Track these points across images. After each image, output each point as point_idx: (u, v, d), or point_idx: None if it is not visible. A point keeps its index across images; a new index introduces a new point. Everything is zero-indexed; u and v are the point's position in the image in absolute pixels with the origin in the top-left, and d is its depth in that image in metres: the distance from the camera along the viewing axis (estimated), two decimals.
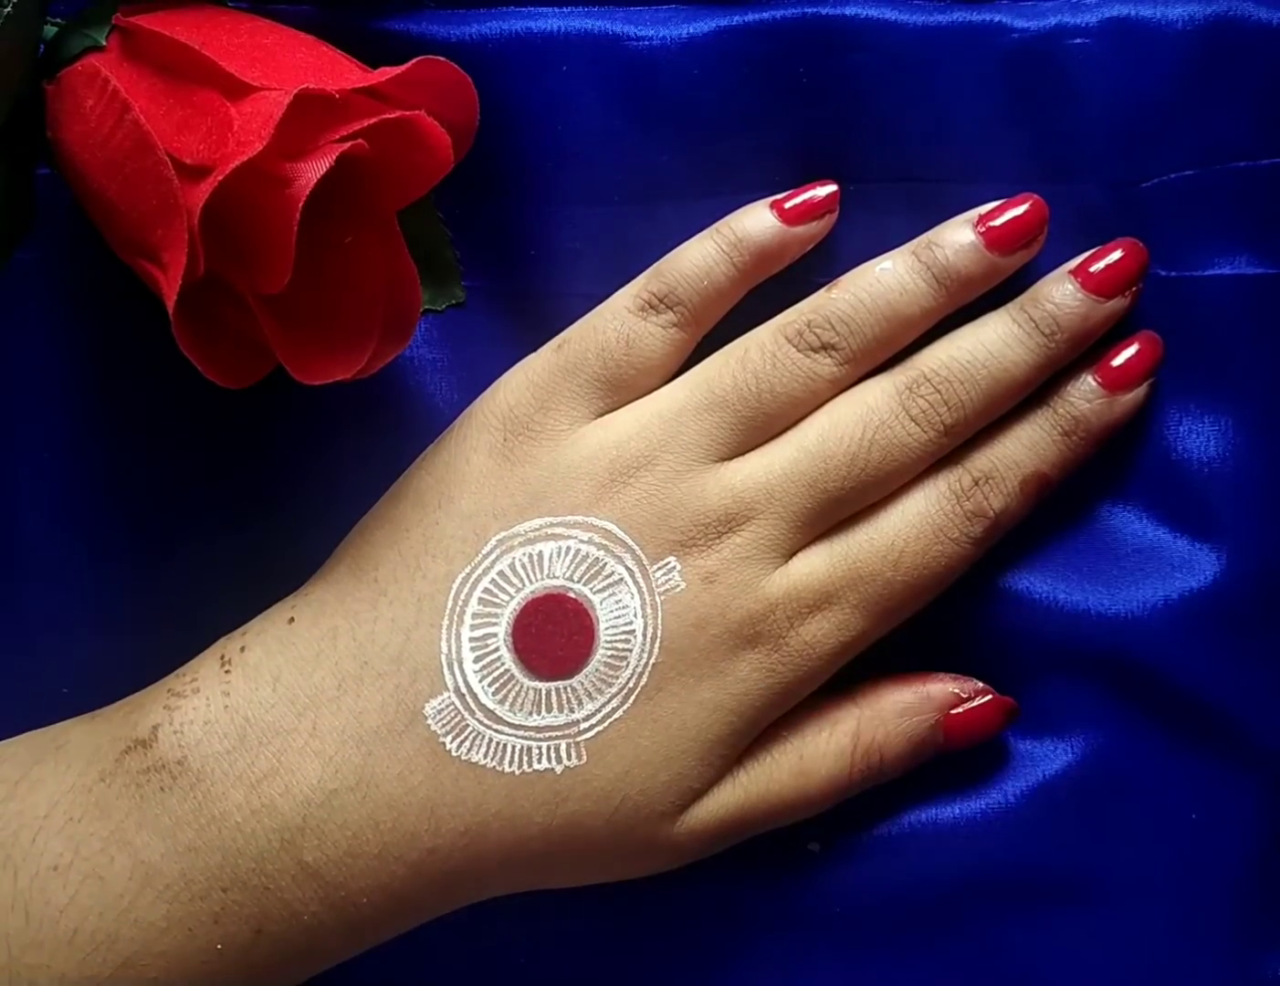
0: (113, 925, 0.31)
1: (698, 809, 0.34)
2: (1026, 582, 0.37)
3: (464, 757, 0.33)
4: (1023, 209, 0.35)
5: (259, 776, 0.32)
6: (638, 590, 0.34)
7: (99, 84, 0.31)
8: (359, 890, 0.32)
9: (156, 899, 0.31)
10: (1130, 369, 0.36)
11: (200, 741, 0.32)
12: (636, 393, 0.35)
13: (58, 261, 0.37)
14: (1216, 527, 0.36)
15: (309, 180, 0.29)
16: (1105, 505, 0.37)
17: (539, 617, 0.34)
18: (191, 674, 0.34)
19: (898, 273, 0.35)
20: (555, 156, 0.37)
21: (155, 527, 0.38)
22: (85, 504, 0.38)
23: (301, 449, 0.38)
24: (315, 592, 0.35)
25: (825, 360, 0.35)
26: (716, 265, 0.35)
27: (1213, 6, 0.36)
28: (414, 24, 0.37)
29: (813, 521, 0.34)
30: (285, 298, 0.31)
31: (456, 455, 0.35)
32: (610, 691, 0.33)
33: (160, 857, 0.32)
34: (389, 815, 0.32)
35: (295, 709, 0.33)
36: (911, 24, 0.36)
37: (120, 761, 0.32)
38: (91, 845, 0.32)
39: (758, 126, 0.37)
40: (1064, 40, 0.36)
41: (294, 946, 0.32)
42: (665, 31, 0.36)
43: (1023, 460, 0.35)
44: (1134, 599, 0.37)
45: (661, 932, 0.37)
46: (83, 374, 0.38)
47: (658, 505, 0.34)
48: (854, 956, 0.37)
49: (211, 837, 0.32)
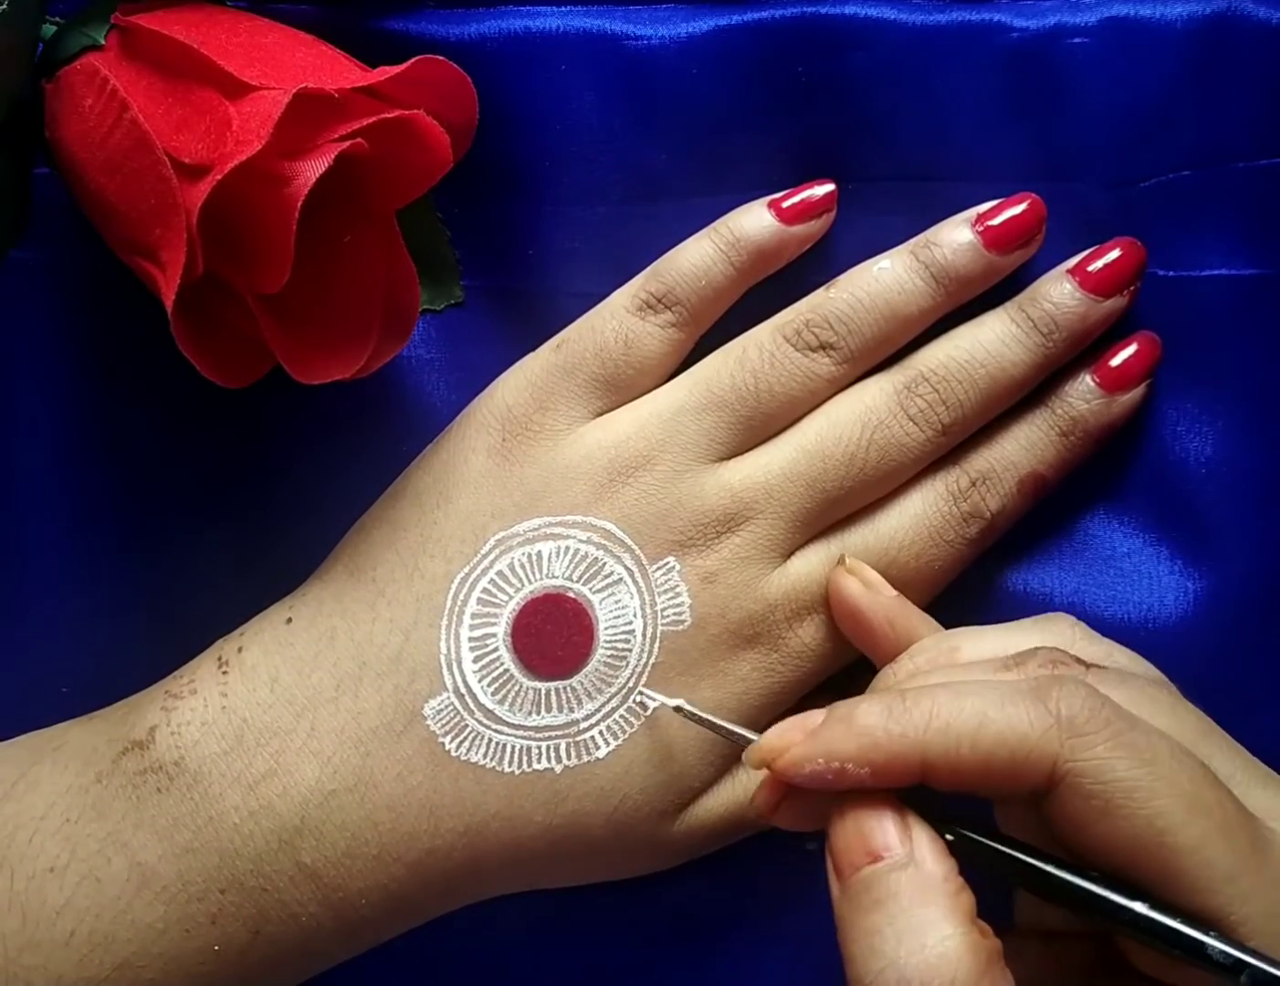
0: (110, 926, 0.31)
1: (697, 808, 0.34)
2: (1025, 583, 0.37)
3: (463, 758, 0.33)
4: (1021, 208, 0.35)
5: (257, 777, 0.32)
6: (637, 590, 0.34)
7: (98, 83, 0.31)
8: (357, 891, 0.32)
9: (154, 900, 0.31)
10: (1129, 369, 0.36)
11: (198, 742, 0.32)
12: (635, 392, 0.35)
13: (56, 261, 0.37)
14: (1214, 527, 0.36)
15: (308, 179, 0.30)
16: (1102, 505, 0.37)
17: (538, 617, 0.34)
18: (189, 675, 0.34)
19: (896, 272, 0.35)
20: (554, 156, 0.37)
21: (154, 527, 0.38)
22: (84, 503, 0.38)
23: (300, 448, 0.38)
24: (313, 593, 0.35)
25: (824, 359, 0.35)
26: (715, 265, 0.35)
27: (1212, 6, 0.36)
28: (414, 24, 0.37)
29: (811, 521, 0.34)
30: (284, 297, 0.31)
31: (455, 455, 0.35)
32: (610, 691, 0.33)
33: (157, 859, 0.32)
34: (388, 816, 0.32)
35: (293, 709, 0.33)
36: (910, 23, 0.36)
37: (117, 762, 0.32)
38: (88, 846, 0.32)
39: (756, 126, 0.37)
40: (1063, 40, 0.36)
41: (291, 947, 0.32)
42: (664, 31, 0.36)
43: (1020, 461, 0.35)
44: (1130, 599, 0.37)
45: (661, 932, 0.37)
46: (81, 373, 0.38)
47: (657, 505, 0.34)
48: None
49: (209, 839, 0.32)
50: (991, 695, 0.27)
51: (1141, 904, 0.27)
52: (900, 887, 0.26)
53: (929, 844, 0.27)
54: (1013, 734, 0.27)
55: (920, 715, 0.27)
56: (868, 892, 0.27)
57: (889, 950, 0.26)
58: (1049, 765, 0.27)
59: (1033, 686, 0.28)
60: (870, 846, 0.27)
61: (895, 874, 0.27)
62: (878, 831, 0.27)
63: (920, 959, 0.25)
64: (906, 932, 0.26)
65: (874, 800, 0.28)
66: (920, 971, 0.25)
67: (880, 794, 0.28)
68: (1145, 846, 0.26)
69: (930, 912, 0.26)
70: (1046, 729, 0.27)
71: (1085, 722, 0.27)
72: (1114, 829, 0.26)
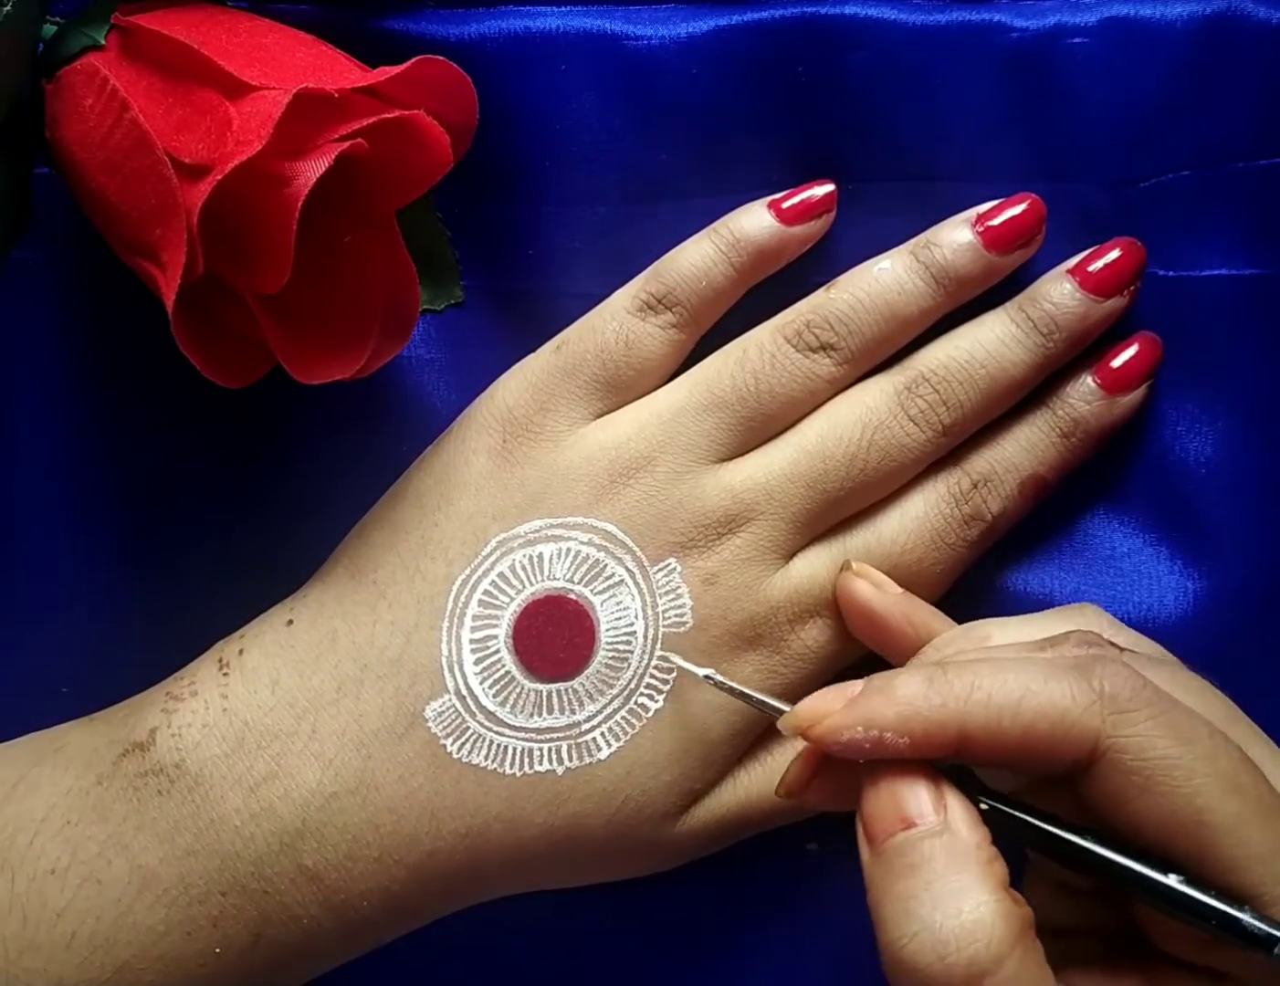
0: (110, 928, 0.31)
1: (699, 809, 0.34)
2: (1025, 583, 0.37)
3: (465, 760, 0.33)
4: (1021, 208, 0.35)
5: (258, 779, 0.32)
6: (638, 592, 0.34)
7: (98, 83, 0.31)
8: (359, 893, 0.32)
9: (155, 902, 0.31)
10: (1130, 370, 0.36)
11: (199, 744, 0.32)
12: (635, 393, 0.35)
13: (57, 261, 0.37)
14: (1214, 527, 0.36)
15: (308, 179, 0.29)
16: (1102, 504, 0.37)
17: (539, 619, 0.34)
18: (190, 677, 0.34)
19: (896, 272, 0.35)
20: (554, 156, 0.37)
21: (154, 526, 0.38)
22: (84, 503, 0.38)
23: (300, 448, 0.38)
24: (314, 594, 0.35)
25: (824, 360, 0.35)
26: (715, 265, 0.35)
27: (1212, 6, 0.36)
28: (414, 24, 0.37)
29: (812, 522, 0.34)
30: (284, 297, 0.31)
31: (455, 457, 0.35)
32: (611, 693, 0.33)
33: (158, 861, 0.32)
34: (389, 818, 0.32)
35: (294, 712, 0.33)
36: (910, 23, 0.36)
37: (118, 764, 0.32)
38: (89, 848, 0.32)
39: (756, 126, 0.37)
40: (1063, 40, 0.36)
41: (293, 949, 0.32)
42: (664, 31, 0.36)
43: (1021, 462, 0.35)
44: (1130, 599, 0.37)
45: (661, 932, 0.37)
46: (82, 373, 0.38)
47: (658, 507, 0.34)
48: (853, 956, 0.37)
49: (210, 841, 0.32)
50: (1034, 670, 0.28)
51: (1176, 877, 0.27)
52: (935, 853, 0.27)
53: (963, 812, 0.27)
54: (1054, 708, 0.27)
55: (962, 686, 0.27)
56: (901, 858, 0.27)
57: (924, 913, 0.26)
58: (1091, 741, 0.27)
59: (1074, 663, 0.28)
60: (904, 813, 0.27)
61: (930, 840, 0.27)
62: (911, 798, 0.27)
63: (957, 923, 0.26)
64: (943, 897, 0.26)
65: (908, 767, 0.28)
66: (957, 935, 0.25)
67: (914, 762, 0.28)
68: (1183, 823, 0.27)
69: (965, 878, 0.26)
70: (1089, 704, 0.27)
71: (1128, 699, 0.27)
72: (1152, 805, 0.27)
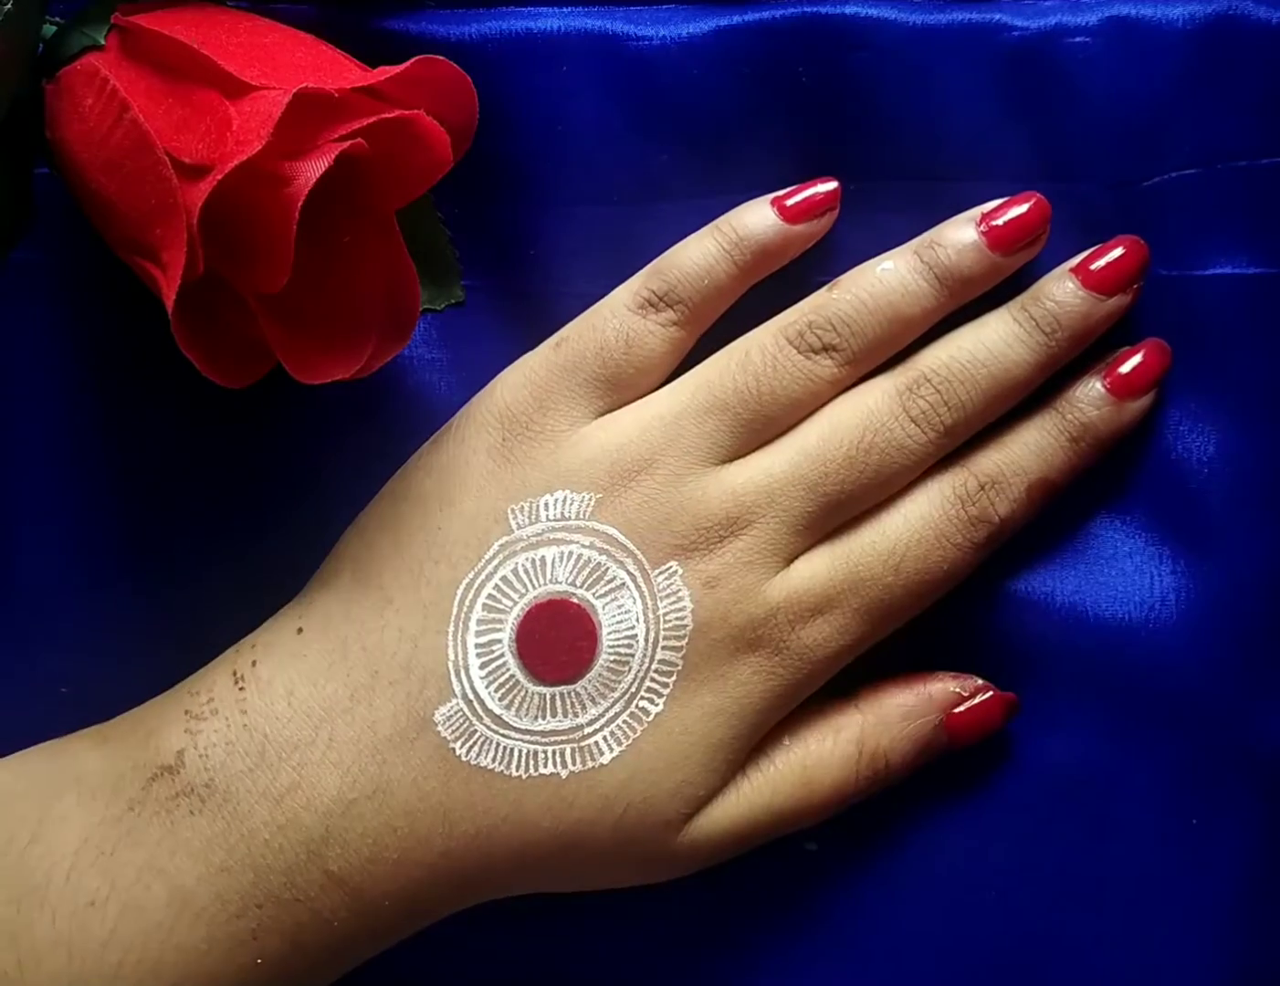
0: (156, 952, 0.31)
1: (702, 819, 0.34)
2: (1026, 583, 0.37)
3: (473, 762, 0.33)
4: (1025, 207, 0.35)
5: (282, 791, 0.32)
6: (639, 595, 0.34)
7: (98, 83, 0.31)
8: (381, 894, 0.33)
9: (195, 922, 0.32)
10: (1139, 376, 0.36)
11: (225, 762, 0.32)
12: (636, 392, 0.35)
13: (57, 261, 0.37)
14: (1216, 527, 0.36)
15: (308, 179, 0.29)
16: (1104, 505, 0.37)
17: (542, 623, 0.34)
18: (207, 693, 0.34)
19: (899, 272, 0.35)
20: (555, 156, 0.37)
21: (154, 526, 0.38)
22: (83, 503, 0.38)
23: (301, 448, 0.38)
24: (321, 600, 0.35)
25: (826, 362, 0.35)
26: (717, 263, 0.35)
27: (1213, 6, 0.36)
28: (414, 24, 0.37)
29: (813, 524, 0.34)
30: (284, 297, 0.31)
31: (456, 456, 0.35)
32: (613, 696, 0.33)
33: (195, 881, 0.32)
34: (405, 821, 0.33)
35: (311, 722, 0.33)
36: (911, 23, 0.36)
37: (148, 789, 0.32)
38: (127, 875, 0.32)
39: (758, 126, 0.37)
40: (1064, 39, 0.36)
41: (327, 953, 0.33)
42: (665, 31, 0.36)
43: (1029, 466, 0.35)
44: (1130, 599, 0.37)
45: (661, 931, 0.37)
46: (82, 373, 0.38)
47: (659, 509, 0.34)
48: (854, 956, 0.37)
49: (242, 856, 0.32)
50: None
51: None
52: None
53: None
54: None
55: None
56: None
57: None
58: None
59: None
60: None
61: None
62: None
63: None
64: None
65: None
66: None
67: None
68: None
69: None
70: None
71: None
72: None
